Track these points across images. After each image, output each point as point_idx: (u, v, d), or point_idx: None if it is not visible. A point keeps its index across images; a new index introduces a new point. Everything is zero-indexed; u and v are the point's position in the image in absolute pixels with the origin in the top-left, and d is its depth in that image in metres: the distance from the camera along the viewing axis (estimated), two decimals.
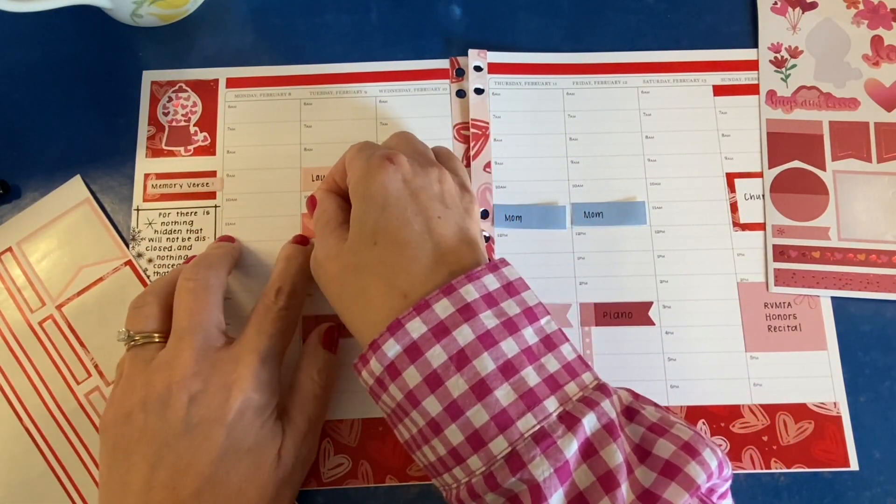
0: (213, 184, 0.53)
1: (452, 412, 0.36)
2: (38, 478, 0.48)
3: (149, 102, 0.55)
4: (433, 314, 0.37)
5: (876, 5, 0.57)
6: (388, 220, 0.41)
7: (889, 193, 0.53)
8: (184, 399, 0.41)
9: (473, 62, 0.55)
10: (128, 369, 0.43)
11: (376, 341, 0.38)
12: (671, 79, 0.56)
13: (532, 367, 0.37)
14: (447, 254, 0.41)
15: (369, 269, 0.41)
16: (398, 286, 0.39)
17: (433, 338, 0.37)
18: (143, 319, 0.45)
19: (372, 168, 0.42)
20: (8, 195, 0.53)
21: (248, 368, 0.42)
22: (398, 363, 0.37)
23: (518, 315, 0.38)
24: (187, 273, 0.45)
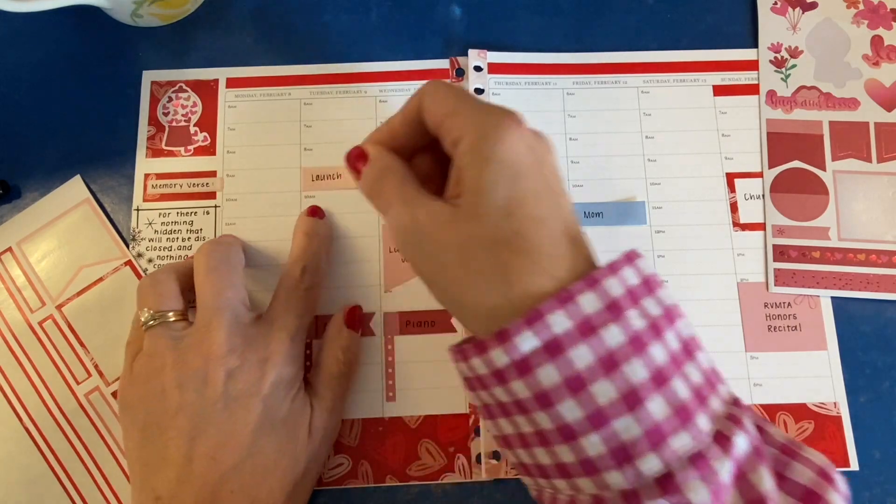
0: (213, 184, 0.53)
1: (596, 421, 0.32)
2: (38, 478, 0.48)
3: (149, 102, 0.55)
4: (578, 309, 0.33)
5: (876, 5, 0.57)
6: (522, 189, 0.35)
7: (889, 193, 0.53)
8: (221, 375, 0.42)
9: (473, 62, 0.55)
10: (151, 347, 0.44)
11: (507, 331, 0.33)
12: (671, 79, 0.56)
13: (679, 377, 0.33)
14: (575, 238, 0.36)
15: (506, 243, 0.35)
16: (544, 267, 0.34)
17: (579, 335, 0.33)
18: (163, 298, 0.45)
19: (499, 126, 0.36)
20: (8, 195, 0.53)
21: (280, 344, 0.44)
22: (533, 359, 0.33)
23: (660, 317, 0.34)
24: (206, 251, 0.46)
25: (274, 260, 0.52)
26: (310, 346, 0.50)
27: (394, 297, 0.52)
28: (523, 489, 0.47)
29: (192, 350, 0.43)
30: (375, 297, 0.52)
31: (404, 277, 0.52)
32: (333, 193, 0.53)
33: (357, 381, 0.50)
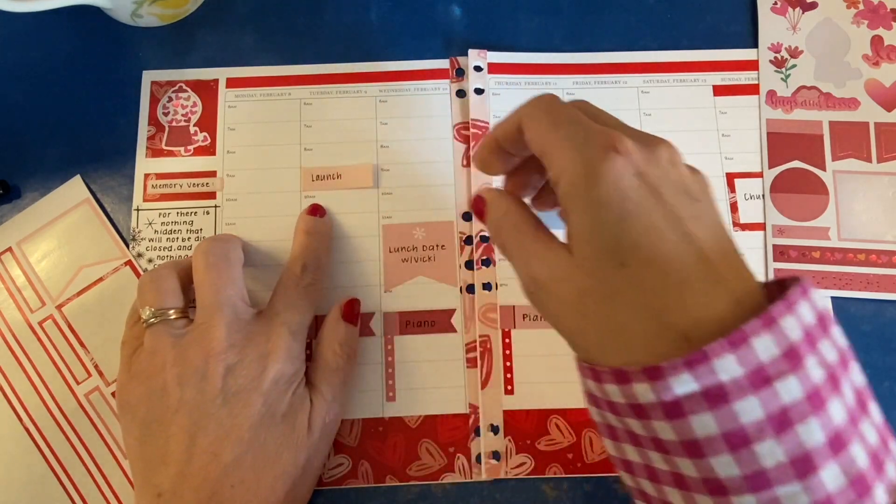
0: (213, 184, 0.53)
1: (755, 483, 0.28)
2: (38, 478, 0.48)
3: (149, 102, 0.55)
4: (753, 354, 0.28)
5: (876, 5, 0.57)
6: (633, 231, 0.31)
7: (889, 193, 0.53)
8: (221, 370, 0.42)
9: (473, 62, 0.55)
10: (152, 345, 0.44)
11: (661, 368, 0.29)
12: (671, 79, 0.56)
13: (857, 439, 0.29)
14: (719, 268, 0.31)
15: (621, 296, 0.31)
16: (672, 324, 0.30)
17: (750, 386, 0.28)
18: (165, 295, 0.45)
19: (595, 162, 0.32)
20: (8, 195, 0.53)
21: (280, 340, 0.44)
22: (686, 403, 0.29)
23: (837, 364, 0.30)
24: (205, 248, 0.46)
25: (274, 259, 0.52)
26: (310, 347, 0.50)
27: (394, 297, 0.52)
28: (523, 489, 0.48)
29: (192, 347, 0.43)
30: (375, 296, 0.52)
31: (404, 277, 0.52)
32: (333, 193, 0.53)
33: (357, 381, 0.50)
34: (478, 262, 0.52)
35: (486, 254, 0.52)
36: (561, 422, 0.49)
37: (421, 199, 0.53)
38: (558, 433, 0.49)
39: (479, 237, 0.52)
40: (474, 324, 0.51)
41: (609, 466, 0.48)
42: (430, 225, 0.53)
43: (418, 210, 0.53)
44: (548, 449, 0.49)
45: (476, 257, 0.52)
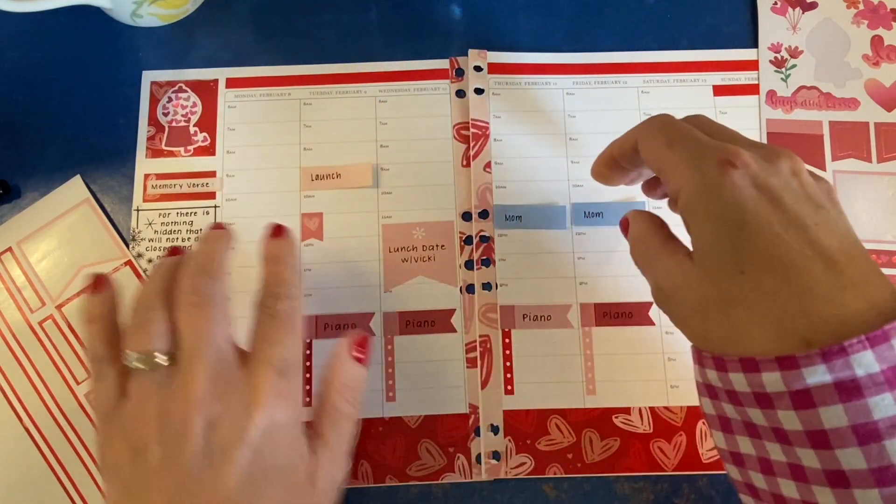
0: (213, 184, 0.54)
1: (882, 477, 0.29)
2: (38, 478, 0.48)
3: (148, 103, 0.55)
4: (892, 352, 0.29)
5: (876, 5, 0.57)
6: (751, 240, 0.33)
7: (889, 193, 0.53)
8: (201, 424, 0.36)
9: (473, 62, 0.55)
10: (136, 396, 0.38)
11: (795, 359, 0.30)
12: (671, 79, 0.56)
13: None
14: (847, 273, 0.31)
15: (742, 304, 0.32)
16: (794, 330, 0.31)
17: (885, 383, 0.28)
18: (152, 338, 0.39)
19: (711, 178, 0.34)
20: (8, 195, 0.53)
21: (265, 382, 0.38)
22: (816, 394, 0.29)
23: None
24: (187, 287, 0.40)
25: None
26: (310, 346, 0.50)
27: (394, 297, 0.52)
28: (523, 489, 0.48)
29: (174, 399, 0.37)
30: (375, 296, 0.51)
31: (404, 277, 0.52)
32: (333, 193, 0.53)
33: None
34: (478, 262, 0.52)
35: (486, 254, 0.52)
36: (561, 422, 0.49)
37: (421, 199, 0.53)
38: (558, 433, 0.49)
39: (479, 237, 0.52)
40: (474, 324, 0.51)
41: (608, 467, 0.48)
42: (430, 225, 0.53)
43: (418, 210, 0.53)
44: (548, 449, 0.49)
45: (476, 257, 0.52)
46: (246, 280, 0.51)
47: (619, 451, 0.49)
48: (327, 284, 0.52)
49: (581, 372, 0.50)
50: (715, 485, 0.48)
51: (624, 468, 0.49)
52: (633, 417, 0.49)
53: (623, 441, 0.49)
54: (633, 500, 0.48)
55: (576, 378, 0.50)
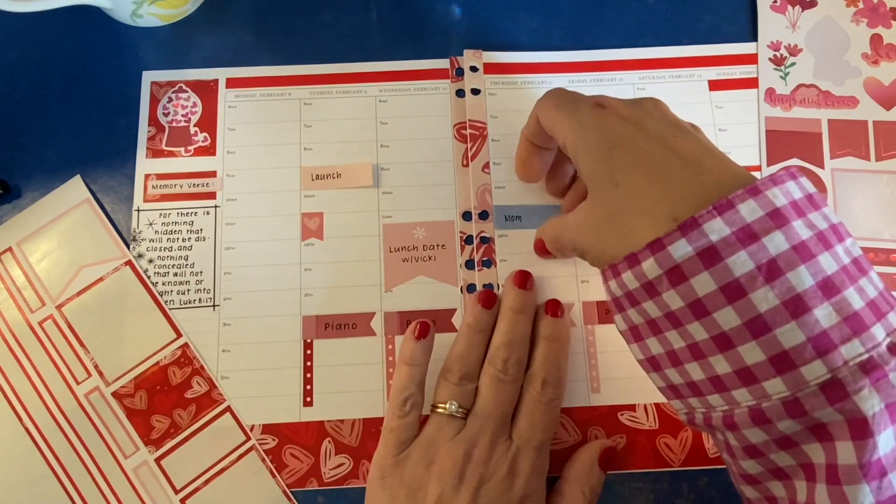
0: (214, 184, 0.54)
1: (755, 328, 0.32)
2: (38, 478, 0.48)
3: (149, 103, 0.55)
4: (738, 216, 0.32)
5: (875, 4, 0.57)
6: (620, 156, 0.38)
7: (887, 192, 0.53)
8: (476, 480, 0.43)
9: (469, 62, 0.55)
10: (434, 434, 0.46)
11: (660, 240, 0.33)
12: (667, 75, 0.56)
13: (852, 287, 0.32)
14: (704, 166, 0.36)
15: (622, 210, 0.37)
16: (663, 212, 0.34)
17: (738, 242, 0.32)
18: (466, 396, 0.46)
19: (584, 119, 0.40)
20: (8, 195, 0.53)
21: (526, 460, 0.45)
22: (686, 267, 0.32)
23: (827, 230, 0.33)
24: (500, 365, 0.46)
25: (273, 259, 0.52)
26: (311, 346, 0.50)
27: (394, 297, 0.52)
28: None
29: (460, 448, 0.44)
30: (376, 296, 0.52)
31: (405, 277, 0.52)
32: (333, 193, 0.53)
33: (358, 381, 0.50)
34: (479, 264, 0.52)
35: (487, 255, 0.52)
36: (566, 420, 0.49)
37: (421, 199, 0.53)
38: (564, 432, 0.49)
39: (480, 238, 0.52)
40: None
41: (613, 465, 0.48)
42: (431, 224, 0.53)
43: (419, 209, 0.53)
44: (554, 448, 0.48)
45: (477, 258, 0.52)
46: (246, 280, 0.51)
47: (626, 448, 0.49)
48: (328, 284, 0.52)
49: (585, 370, 0.50)
50: (715, 485, 0.48)
51: (631, 465, 0.49)
52: (638, 414, 0.49)
53: (629, 438, 0.49)
54: (633, 499, 0.48)
55: (580, 376, 0.50)
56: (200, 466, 0.49)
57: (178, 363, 0.50)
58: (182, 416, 0.49)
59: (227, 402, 0.50)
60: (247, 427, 0.49)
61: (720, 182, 0.34)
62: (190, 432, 0.49)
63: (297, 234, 0.53)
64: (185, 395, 0.50)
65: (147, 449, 0.49)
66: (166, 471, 0.49)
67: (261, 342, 0.51)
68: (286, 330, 0.51)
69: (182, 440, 0.49)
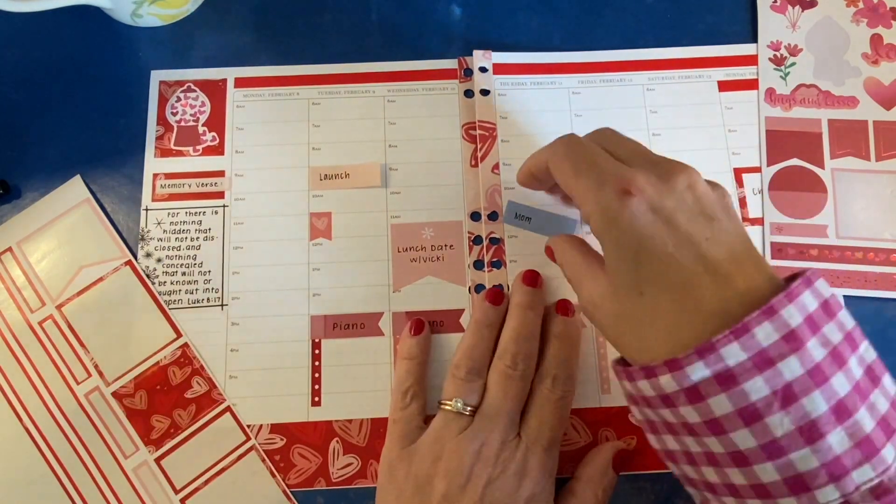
0: (222, 183, 0.53)
1: (770, 451, 0.32)
2: (38, 478, 0.48)
3: (157, 102, 0.55)
4: (754, 341, 0.32)
5: (875, 4, 0.58)
6: (647, 264, 0.36)
7: (887, 192, 0.53)
8: (484, 480, 0.43)
9: (478, 63, 0.56)
10: (440, 431, 0.45)
11: (678, 360, 0.33)
12: (676, 75, 0.57)
13: (864, 407, 0.32)
14: (732, 279, 0.35)
15: (644, 322, 0.37)
16: (683, 340, 0.34)
17: (754, 368, 0.32)
18: (474, 393, 0.46)
19: (611, 208, 0.37)
20: (8, 195, 0.53)
21: (535, 459, 0.44)
22: (703, 388, 0.33)
23: (842, 343, 0.33)
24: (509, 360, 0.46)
25: (282, 259, 0.52)
26: (318, 346, 0.50)
27: (402, 297, 0.52)
28: None
29: (468, 447, 0.44)
30: (384, 296, 0.51)
31: (413, 277, 0.52)
32: (341, 193, 0.53)
33: (366, 380, 0.50)
34: (488, 265, 0.52)
35: (497, 255, 0.52)
36: (577, 421, 0.49)
37: (429, 199, 0.53)
38: (574, 433, 0.49)
39: (489, 239, 0.52)
40: None
41: (626, 467, 0.48)
42: (439, 224, 0.53)
43: (427, 210, 0.53)
44: (564, 449, 0.48)
45: (487, 259, 0.52)
46: (254, 280, 0.51)
47: (637, 449, 0.49)
48: (336, 284, 0.51)
49: (595, 371, 0.50)
50: None
51: (641, 466, 0.49)
52: None
53: (640, 438, 0.49)
54: (634, 500, 0.48)
55: (591, 377, 0.50)
56: (200, 466, 0.48)
57: (178, 363, 0.50)
58: (182, 416, 0.49)
59: (228, 402, 0.49)
60: (254, 426, 0.49)
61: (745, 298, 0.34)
62: (190, 432, 0.49)
63: (306, 233, 0.52)
64: (185, 395, 0.50)
65: (147, 449, 0.49)
66: (166, 471, 0.48)
67: (269, 342, 0.51)
68: (294, 329, 0.51)
69: (182, 440, 0.49)
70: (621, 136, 0.43)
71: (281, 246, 0.52)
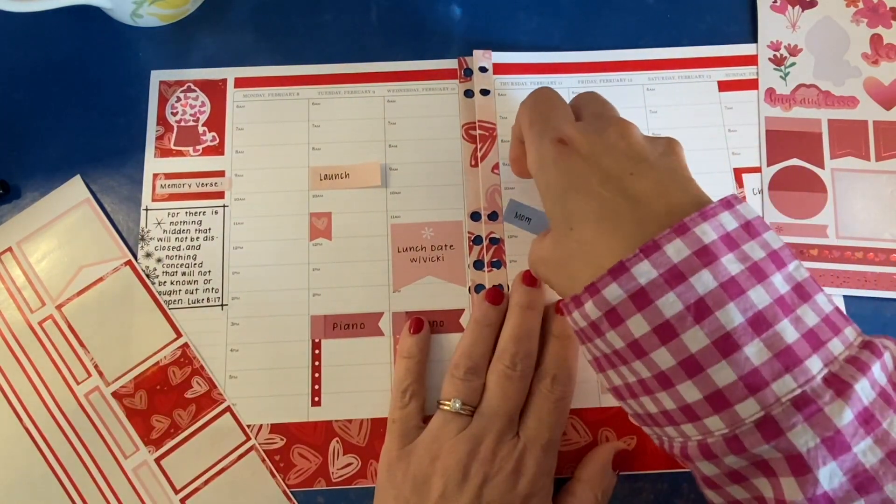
0: (222, 183, 0.53)
1: (688, 367, 0.32)
2: (38, 478, 0.48)
3: (157, 102, 0.55)
4: (664, 257, 0.32)
5: (875, 4, 0.58)
6: (574, 201, 0.37)
7: (887, 192, 0.53)
8: (480, 478, 0.43)
9: (478, 63, 0.56)
10: (438, 431, 0.45)
11: (595, 284, 0.34)
12: (676, 75, 0.57)
13: (787, 319, 0.32)
14: (652, 204, 0.35)
15: (574, 255, 0.37)
16: (603, 265, 0.34)
17: (665, 284, 0.32)
18: (473, 393, 0.46)
19: (545, 156, 0.40)
20: (8, 195, 0.53)
21: (532, 458, 0.44)
22: (621, 309, 0.33)
23: (764, 259, 0.33)
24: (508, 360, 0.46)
25: (282, 259, 0.52)
26: (318, 346, 0.50)
27: (402, 297, 0.52)
28: None
29: (464, 445, 0.44)
30: (384, 296, 0.51)
31: (413, 277, 0.52)
32: (341, 192, 0.53)
33: (366, 380, 0.50)
34: (488, 265, 0.52)
35: (497, 256, 0.52)
36: (577, 422, 0.49)
37: (429, 199, 0.53)
38: (574, 433, 0.49)
39: (489, 239, 0.52)
40: None
41: (625, 467, 0.48)
42: (439, 224, 0.53)
43: (427, 210, 0.53)
44: (564, 449, 0.48)
45: (487, 259, 0.52)
46: (254, 280, 0.51)
47: (636, 449, 0.49)
48: (336, 284, 0.52)
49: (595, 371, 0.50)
50: None
51: (641, 466, 0.49)
52: None
53: (640, 439, 0.49)
54: (633, 500, 0.48)
55: (591, 377, 0.50)
56: (200, 466, 0.48)
57: (178, 363, 0.50)
58: (182, 416, 0.49)
59: (228, 402, 0.49)
60: (254, 426, 0.49)
61: (663, 220, 0.34)
62: (190, 432, 0.49)
63: (306, 233, 0.53)
64: (184, 395, 0.50)
65: (147, 449, 0.49)
66: (166, 471, 0.48)
67: (269, 342, 0.51)
68: (294, 330, 0.51)
69: (182, 440, 0.49)
70: (594, 98, 0.45)
71: (281, 246, 0.52)
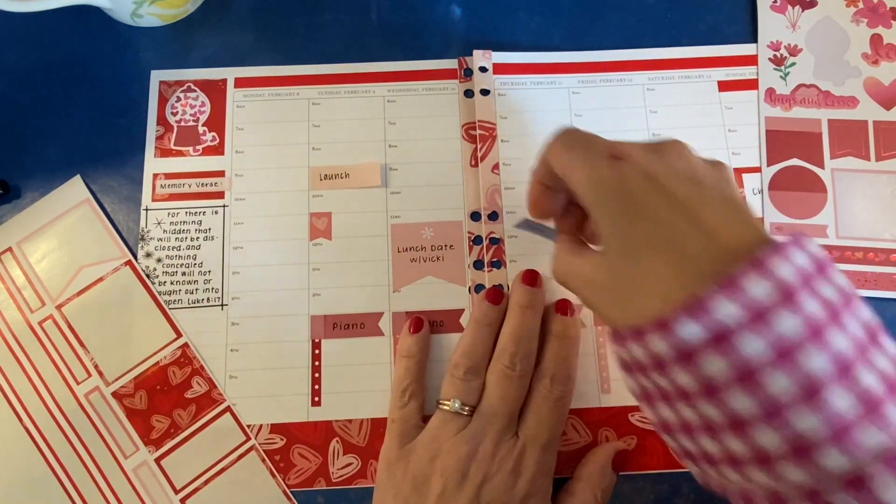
0: (222, 183, 0.54)
1: (769, 412, 0.30)
2: (38, 478, 0.48)
3: (157, 102, 0.55)
4: (745, 296, 0.30)
5: (875, 4, 0.58)
6: (641, 227, 0.35)
7: (887, 192, 0.54)
8: (480, 478, 0.43)
9: (478, 63, 0.56)
10: (437, 431, 0.46)
11: (665, 318, 0.32)
12: (676, 75, 0.57)
13: (865, 365, 0.30)
14: (722, 236, 0.33)
15: (633, 285, 0.35)
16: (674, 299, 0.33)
17: (748, 325, 0.30)
18: (472, 393, 0.46)
19: (601, 175, 0.37)
20: (8, 195, 0.53)
21: (531, 458, 0.44)
22: (696, 348, 0.31)
23: (837, 301, 0.31)
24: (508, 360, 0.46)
25: (282, 259, 0.52)
26: (318, 346, 0.50)
27: (402, 297, 0.52)
28: None
29: (464, 446, 0.44)
30: (384, 296, 0.52)
31: (413, 277, 0.52)
32: (341, 192, 0.53)
33: (366, 380, 0.50)
34: (488, 265, 0.52)
35: (497, 256, 0.52)
36: (577, 422, 0.49)
37: (429, 199, 0.53)
38: (574, 433, 0.49)
39: (489, 239, 0.52)
40: None
41: (625, 466, 0.48)
42: (439, 224, 0.53)
43: (427, 209, 0.53)
44: (564, 449, 0.49)
45: (487, 259, 0.52)
46: (254, 280, 0.51)
47: (637, 449, 0.49)
48: (336, 284, 0.52)
49: (595, 371, 0.50)
50: None
51: (641, 466, 0.49)
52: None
53: (640, 439, 0.49)
54: (633, 500, 0.48)
55: (591, 377, 0.50)
56: (200, 466, 0.49)
57: (178, 363, 0.50)
58: (182, 416, 0.49)
59: (228, 402, 0.49)
60: (254, 426, 0.49)
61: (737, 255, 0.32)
62: (190, 432, 0.49)
63: (306, 233, 0.53)
64: (185, 395, 0.50)
65: (147, 449, 0.49)
66: (166, 471, 0.48)
67: (269, 342, 0.51)
68: (294, 330, 0.51)
69: (182, 440, 0.49)
70: None
71: (281, 246, 0.52)
